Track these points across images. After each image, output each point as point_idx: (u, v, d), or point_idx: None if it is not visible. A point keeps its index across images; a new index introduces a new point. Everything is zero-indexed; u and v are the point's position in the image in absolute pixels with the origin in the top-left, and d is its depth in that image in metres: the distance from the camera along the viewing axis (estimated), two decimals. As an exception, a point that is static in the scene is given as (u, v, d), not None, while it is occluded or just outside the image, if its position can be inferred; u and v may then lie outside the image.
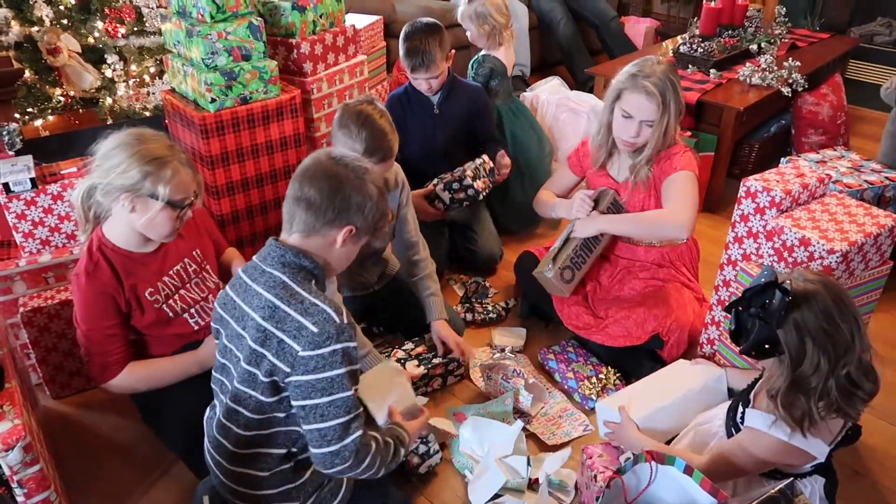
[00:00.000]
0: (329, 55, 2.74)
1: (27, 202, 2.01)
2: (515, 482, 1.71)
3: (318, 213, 1.35)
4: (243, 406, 1.38)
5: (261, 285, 1.35)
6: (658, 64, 2.02)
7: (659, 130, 2.01)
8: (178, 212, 1.65)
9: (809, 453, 1.39)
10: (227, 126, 2.37)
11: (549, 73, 4.25)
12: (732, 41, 3.53)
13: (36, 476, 1.50)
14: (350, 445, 1.30)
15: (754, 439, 1.43)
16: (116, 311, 1.70)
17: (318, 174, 1.36)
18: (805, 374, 1.32)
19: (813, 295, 1.32)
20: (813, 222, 1.78)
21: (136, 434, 1.94)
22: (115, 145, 1.61)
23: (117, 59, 2.85)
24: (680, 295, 2.18)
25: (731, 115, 3.02)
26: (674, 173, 2.05)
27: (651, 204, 2.14)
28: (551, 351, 2.28)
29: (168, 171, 1.59)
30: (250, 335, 1.33)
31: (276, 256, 1.37)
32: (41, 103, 2.77)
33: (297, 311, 1.29)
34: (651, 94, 1.97)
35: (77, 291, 1.69)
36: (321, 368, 1.26)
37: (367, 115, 1.91)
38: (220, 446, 1.45)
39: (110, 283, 1.67)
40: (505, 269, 2.75)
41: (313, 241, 1.38)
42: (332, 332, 1.26)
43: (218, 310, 1.45)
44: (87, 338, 1.70)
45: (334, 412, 1.28)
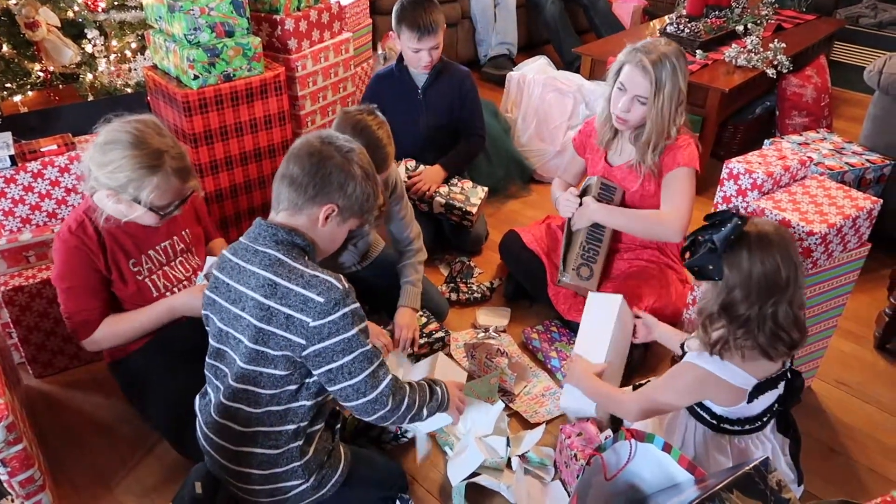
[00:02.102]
0: (314, 32, 2.71)
1: (7, 180, 1.99)
2: (493, 461, 1.74)
3: (300, 189, 1.37)
4: (253, 384, 1.39)
5: (255, 265, 1.36)
6: (666, 45, 2.00)
7: (654, 110, 1.99)
8: (160, 215, 1.66)
9: (731, 384, 1.44)
10: (210, 104, 2.35)
11: (537, 52, 4.23)
12: (719, 22, 3.54)
13: (19, 455, 1.50)
14: (385, 390, 1.38)
15: (680, 370, 1.53)
16: (94, 271, 1.70)
17: (305, 152, 1.38)
18: (734, 300, 1.39)
19: (764, 233, 1.38)
20: (793, 204, 1.80)
21: (120, 413, 1.94)
22: (112, 140, 1.58)
23: (98, 34, 2.79)
24: (662, 275, 2.20)
25: (716, 96, 3.03)
26: (675, 168, 2.04)
27: (651, 189, 2.13)
28: (535, 330, 2.30)
29: (155, 179, 1.58)
30: (253, 315, 1.35)
31: (267, 235, 1.38)
32: (20, 79, 2.71)
33: (298, 286, 1.31)
34: (646, 70, 1.96)
35: (59, 247, 1.69)
36: (336, 332, 1.31)
37: (365, 126, 1.89)
38: (224, 429, 1.45)
39: (93, 245, 1.68)
40: (490, 249, 2.76)
41: (299, 219, 1.40)
42: (339, 297, 1.31)
43: (209, 294, 1.45)
44: (64, 295, 1.70)
45: (360, 367, 1.34)
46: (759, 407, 1.51)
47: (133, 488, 1.80)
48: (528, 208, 3.08)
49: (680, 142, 2.07)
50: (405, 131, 2.68)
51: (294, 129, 2.74)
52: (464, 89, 2.72)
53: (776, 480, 1.14)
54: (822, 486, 1.79)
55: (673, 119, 2.02)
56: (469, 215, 2.59)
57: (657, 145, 2.05)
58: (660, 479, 1.43)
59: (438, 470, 1.84)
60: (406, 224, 2.21)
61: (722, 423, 1.54)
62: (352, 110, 1.92)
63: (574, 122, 3.15)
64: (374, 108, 1.95)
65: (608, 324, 1.84)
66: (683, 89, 2.00)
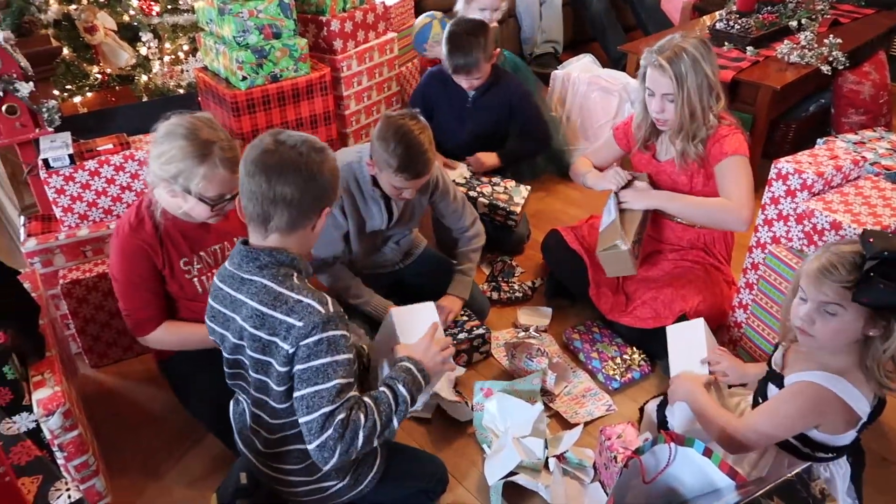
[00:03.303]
0: (359, 32, 2.75)
1: (66, 178, 2.07)
2: (531, 462, 1.74)
3: (300, 208, 1.31)
4: (268, 398, 1.40)
5: (244, 294, 1.34)
6: (683, 38, 1.96)
7: (680, 104, 1.96)
8: (213, 207, 1.68)
9: (854, 412, 1.36)
10: (257, 104, 2.41)
11: (583, 49, 4.19)
12: (771, 17, 3.44)
13: (75, 440, 1.57)
14: (332, 434, 1.27)
15: (802, 390, 1.39)
16: (152, 267, 1.75)
17: (284, 167, 1.29)
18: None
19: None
20: (845, 206, 1.74)
21: (170, 404, 2.00)
22: (167, 133, 1.63)
23: (152, 37, 2.89)
24: (708, 276, 2.16)
25: (766, 93, 2.94)
26: (725, 159, 1.99)
27: (699, 183, 2.08)
28: (576, 330, 2.29)
29: (203, 168, 1.61)
30: (249, 346, 1.34)
31: (250, 261, 1.34)
32: (79, 80, 2.83)
33: (282, 313, 1.28)
34: (662, 68, 1.93)
35: (117, 243, 1.74)
36: (306, 359, 1.26)
37: (407, 132, 1.86)
38: (257, 436, 1.48)
39: (151, 239, 1.73)
40: (532, 248, 2.75)
41: (295, 236, 1.35)
42: (317, 322, 1.26)
43: (210, 324, 1.45)
44: (123, 290, 1.75)
45: (318, 403, 1.27)
46: (854, 435, 1.43)
47: (181, 477, 1.86)
48: (571, 207, 3.06)
49: (724, 131, 2.02)
50: (449, 134, 2.71)
51: (339, 128, 2.78)
52: (517, 98, 2.73)
53: (819, 488, 1.11)
54: (874, 495, 1.73)
55: (706, 107, 1.98)
56: (513, 215, 2.58)
57: (696, 135, 2.01)
58: (700, 484, 1.41)
59: (477, 467, 1.85)
60: (459, 214, 2.23)
61: (816, 451, 1.45)
62: (394, 114, 1.92)
63: (619, 120, 3.10)
64: (416, 113, 1.94)
65: (700, 348, 1.75)
66: (711, 75, 1.95)
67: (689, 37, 1.97)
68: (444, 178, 2.18)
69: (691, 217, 2.13)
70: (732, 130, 2.02)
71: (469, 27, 2.53)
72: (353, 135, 2.87)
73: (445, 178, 2.19)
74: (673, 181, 2.14)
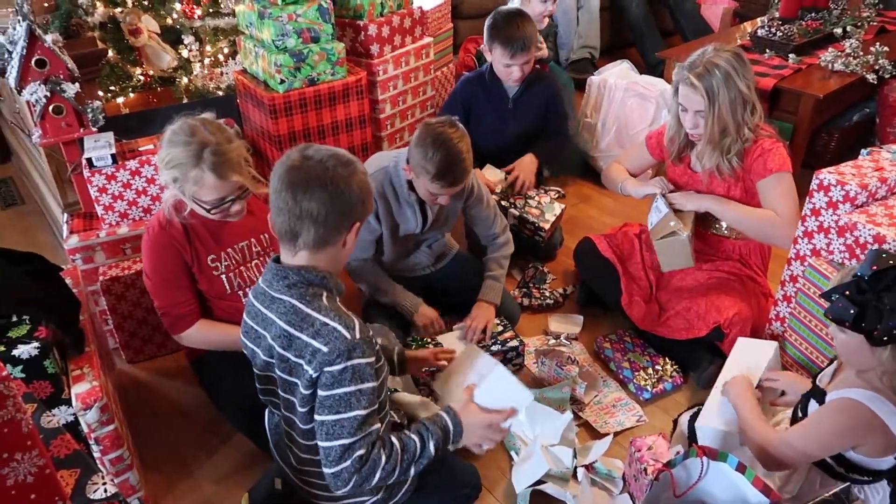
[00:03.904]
0: (396, 37, 2.77)
1: (108, 177, 2.13)
2: (559, 471, 1.72)
3: (327, 224, 1.29)
4: (293, 430, 1.41)
5: (273, 312, 1.34)
6: (716, 51, 1.92)
7: (711, 120, 1.94)
8: (209, 210, 1.72)
9: (894, 435, 1.31)
10: (294, 107, 2.44)
11: (620, 55, 4.16)
12: (815, 24, 3.36)
13: (111, 435, 1.61)
14: (349, 468, 1.27)
15: (842, 407, 1.35)
16: (184, 266, 1.79)
17: (310, 183, 1.28)
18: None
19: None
20: (890, 219, 1.69)
21: (202, 401, 2.03)
22: (168, 139, 1.68)
23: (193, 40, 2.95)
24: (744, 288, 2.12)
25: (808, 102, 2.88)
26: (769, 175, 1.96)
27: (736, 196, 2.05)
28: (608, 339, 2.26)
29: (192, 174, 1.65)
30: (277, 365, 1.35)
31: (279, 279, 1.34)
32: (123, 82, 2.90)
33: (309, 336, 1.27)
34: (694, 86, 1.91)
35: (148, 242, 1.79)
36: (331, 386, 1.26)
37: (446, 139, 1.87)
38: (289, 450, 1.49)
39: (180, 238, 1.77)
40: (564, 255, 2.73)
41: (324, 252, 1.33)
42: (343, 349, 1.24)
43: (244, 339, 1.45)
44: (157, 290, 1.80)
45: (338, 432, 1.26)
46: (892, 461, 1.39)
47: (211, 472, 1.89)
48: (604, 215, 3.03)
49: (766, 144, 1.98)
50: (490, 137, 2.69)
51: (374, 131, 2.80)
52: (550, 97, 2.73)
53: (858, 510, 1.08)
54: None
55: (741, 121, 1.95)
56: (542, 231, 2.55)
57: (730, 149, 1.98)
58: (732, 500, 1.38)
59: (505, 475, 1.84)
60: (490, 221, 2.23)
61: (851, 472, 1.41)
62: (434, 122, 1.92)
63: (656, 126, 3.07)
64: (455, 121, 1.95)
65: (759, 369, 1.71)
66: (745, 90, 1.91)
67: (723, 50, 1.94)
68: (479, 185, 2.18)
69: (739, 225, 2.08)
70: (774, 144, 1.99)
71: (515, 11, 2.54)
72: (388, 138, 2.89)
73: (480, 185, 2.19)
74: (709, 192, 2.10)
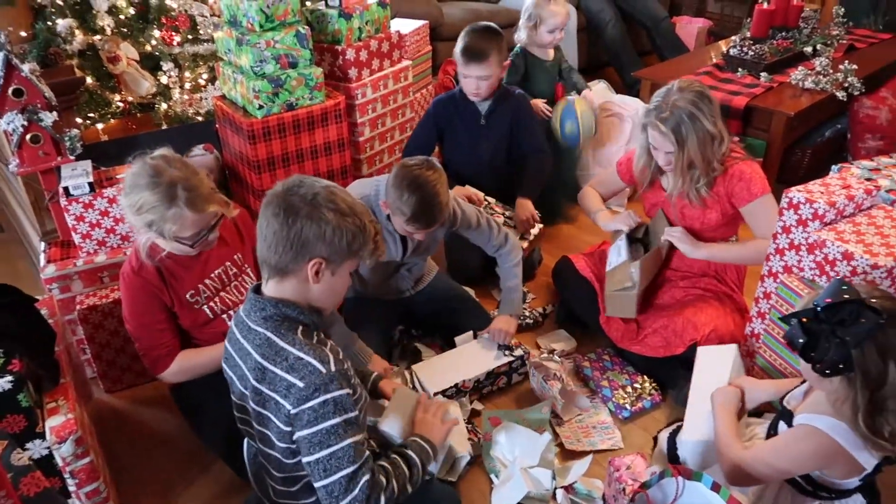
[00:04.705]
0: (374, 61, 2.79)
1: (85, 205, 2.12)
2: (538, 493, 1.73)
3: (279, 252, 1.29)
4: (269, 463, 1.40)
5: (250, 343, 1.34)
6: (681, 91, 1.97)
7: (681, 160, 2.00)
8: (192, 245, 1.73)
9: (858, 463, 1.34)
10: (273, 132, 2.45)
11: (598, 74, 4.22)
12: (785, 44, 3.44)
13: (86, 468, 1.59)
14: (359, 496, 1.27)
15: (807, 434, 1.38)
16: (162, 307, 1.79)
17: (271, 212, 1.30)
18: (885, 395, 1.27)
19: (894, 315, 1.25)
20: (857, 235, 1.73)
21: (182, 429, 2.02)
22: (131, 185, 1.67)
23: (172, 66, 2.96)
24: (720, 304, 2.15)
25: (780, 120, 2.94)
26: (755, 200, 2.02)
27: (712, 219, 2.11)
28: (587, 358, 2.28)
29: (169, 214, 1.65)
30: (251, 397, 1.34)
31: (257, 310, 1.34)
32: (101, 109, 2.90)
33: (283, 370, 1.27)
34: (663, 132, 1.97)
35: (125, 289, 1.78)
36: (314, 422, 1.25)
37: (423, 183, 1.87)
38: (265, 480, 1.48)
39: (155, 280, 1.76)
40: (543, 274, 2.75)
41: (288, 284, 1.34)
42: (319, 384, 1.24)
43: (224, 366, 1.46)
44: (136, 333, 1.79)
45: (336, 465, 1.26)
46: (856, 482, 1.42)
47: (191, 502, 1.87)
48: (583, 233, 3.06)
49: (745, 169, 2.03)
50: (466, 158, 2.72)
51: (353, 154, 2.82)
52: (519, 112, 2.72)
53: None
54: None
55: (710, 157, 2.01)
56: None
57: (699, 179, 2.05)
58: (708, 520, 1.39)
59: (485, 497, 1.84)
60: (487, 237, 2.22)
61: (819, 491, 1.44)
62: (411, 164, 1.91)
63: (632, 146, 3.11)
64: (433, 162, 1.95)
65: (725, 374, 1.75)
66: (710, 128, 1.96)
67: (688, 90, 1.98)
68: (463, 211, 2.15)
69: (740, 261, 2.19)
70: (750, 166, 2.05)
71: (486, 27, 2.57)
72: (368, 161, 2.91)
73: (464, 210, 2.16)
74: (682, 215, 2.15)
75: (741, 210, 2.07)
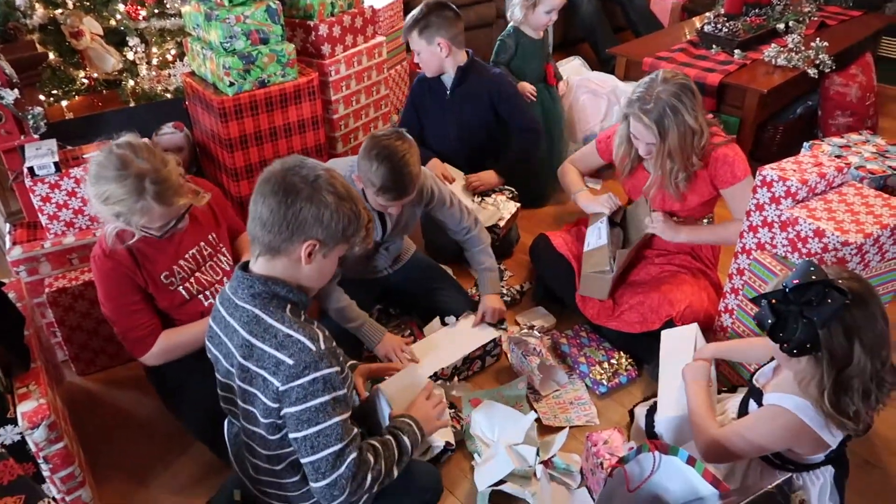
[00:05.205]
0: (347, 37, 2.74)
1: (51, 185, 2.07)
2: (522, 469, 1.74)
3: (274, 230, 1.29)
4: (253, 441, 1.39)
5: (236, 321, 1.33)
6: (665, 83, 1.97)
7: (661, 153, 2.02)
8: (160, 236, 1.71)
9: (823, 440, 1.39)
10: (245, 109, 2.40)
11: (572, 51, 4.20)
12: (759, 20, 3.46)
13: (60, 452, 1.57)
14: (345, 473, 1.28)
15: (775, 415, 1.41)
16: (136, 288, 1.75)
17: (269, 189, 1.29)
18: (850, 374, 1.30)
19: (861, 296, 1.28)
20: (829, 213, 1.76)
21: (157, 411, 2.00)
22: (96, 176, 1.63)
23: (139, 42, 2.88)
24: (696, 281, 2.17)
25: (753, 97, 2.96)
26: (738, 183, 2.05)
27: (692, 201, 2.14)
28: (564, 335, 2.29)
29: (138, 207, 1.62)
30: (237, 374, 1.33)
31: (244, 287, 1.33)
32: (65, 85, 2.82)
33: (271, 346, 1.27)
34: (646, 124, 1.98)
35: (97, 272, 1.75)
36: (303, 399, 1.25)
37: (391, 153, 1.85)
38: (247, 460, 1.48)
39: (127, 262, 1.73)
40: (521, 252, 2.76)
41: (279, 262, 1.33)
42: (309, 361, 1.24)
43: (208, 344, 1.45)
44: (113, 316, 1.76)
45: (324, 442, 1.27)
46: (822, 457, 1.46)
47: (168, 485, 1.86)
48: (560, 212, 3.07)
49: (728, 153, 2.06)
50: (437, 134, 2.70)
51: (327, 132, 2.78)
52: (500, 91, 2.69)
53: (799, 500, 1.12)
54: (855, 499, 1.75)
55: (690, 151, 2.02)
56: (496, 228, 2.57)
57: (678, 175, 2.07)
58: (684, 492, 1.42)
59: (466, 476, 1.85)
60: (458, 218, 2.22)
61: (786, 464, 1.48)
62: (380, 134, 1.91)
63: (608, 123, 3.12)
64: (402, 132, 1.94)
65: (689, 353, 1.80)
66: (692, 123, 1.97)
67: (672, 81, 1.97)
68: (439, 188, 2.16)
69: (714, 243, 2.24)
70: (733, 149, 2.07)
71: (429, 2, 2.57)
72: (342, 139, 2.87)
73: (440, 188, 2.17)
74: (663, 196, 2.17)
75: (722, 192, 2.10)
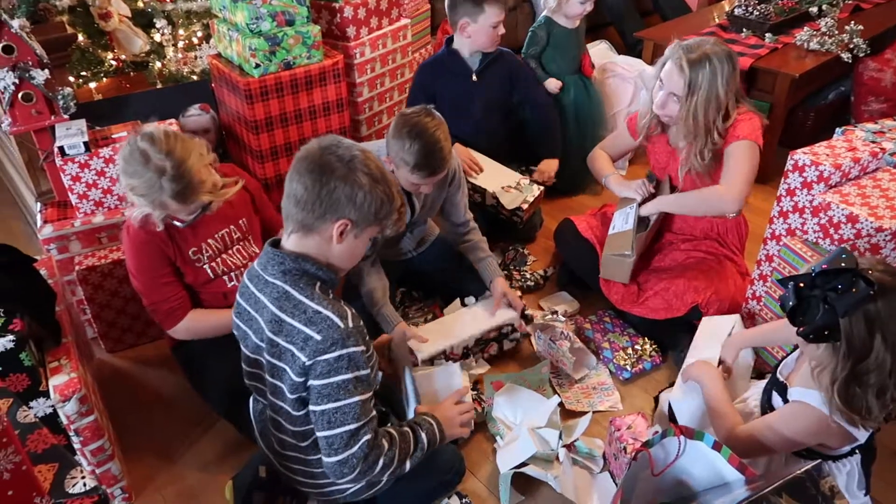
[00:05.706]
0: (372, 19, 2.73)
1: (81, 165, 2.09)
2: (544, 453, 1.74)
3: (307, 209, 1.29)
4: (280, 416, 1.41)
5: (266, 296, 1.35)
6: (714, 45, 1.93)
7: (684, 110, 1.95)
8: (186, 224, 1.75)
9: (852, 436, 1.37)
10: (270, 91, 2.40)
11: (599, 35, 4.14)
12: (791, 3, 3.38)
13: (91, 426, 1.60)
14: (357, 453, 1.30)
15: (801, 412, 1.39)
16: (167, 261, 1.78)
17: (305, 167, 1.30)
18: (867, 368, 1.26)
19: (890, 289, 1.24)
20: (862, 198, 1.72)
21: (183, 388, 2.03)
22: (123, 169, 1.66)
23: (166, 24, 2.89)
24: (721, 267, 2.14)
25: (784, 81, 2.90)
26: (735, 142, 1.98)
27: (718, 176, 2.07)
28: (588, 320, 2.28)
29: (158, 201, 1.66)
30: (266, 349, 1.35)
31: (275, 264, 1.34)
32: (94, 67, 2.84)
33: (301, 322, 1.28)
34: (682, 69, 1.93)
35: (129, 244, 1.77)
36: (327, 374, 1.27)
37: (423, 129, 1.84)
38: (274, 437, 1.49)
39: (161, 234, 1.76)
40: (544, 236, 2.74)
41: (311, 240, 1.34)
42: (337, 338, 1.26)
43: (236, 321, 1.46)
44: (144, 289, 1.79)
45: (341, 419, 1.28)
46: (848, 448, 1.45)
47: (193, 461, 1.89)
48: (584, 196, 3.04)
49: (744, 118, 2.00)
50: (459, 116, 2.68)
51: (352, 115, 2.78)
52: (517, 69, 2.73)
53: (829, 486, 1.11)
54: (884, 489, 1.73)
55: (711, 124, 1.96)
56: (519, 212, 2.56)
57: (702, 150, 2.00)
58: (709, 477, 1.41)
59: (488, 458, 1.86)
60: (463, 208, 2.22)
61: (812, 455, 1.47)
62: (409, 112, 1.90)
63: (634, 108, 3.07)
64: (431, 109, 1.93)
65: (717, 343, 1.77)
66: (721, 96, 1.92)
67: (721, 46, 1.94)
68: (459, 171, 2.17)
69: (694, 210, 2.16)
70: (750, 116, 2.01)
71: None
72: (367, 121, 2.86)
73: (460, 171, 2.17)
74: (693, 178, 2.12)
75: (724, 151, 2.02)
